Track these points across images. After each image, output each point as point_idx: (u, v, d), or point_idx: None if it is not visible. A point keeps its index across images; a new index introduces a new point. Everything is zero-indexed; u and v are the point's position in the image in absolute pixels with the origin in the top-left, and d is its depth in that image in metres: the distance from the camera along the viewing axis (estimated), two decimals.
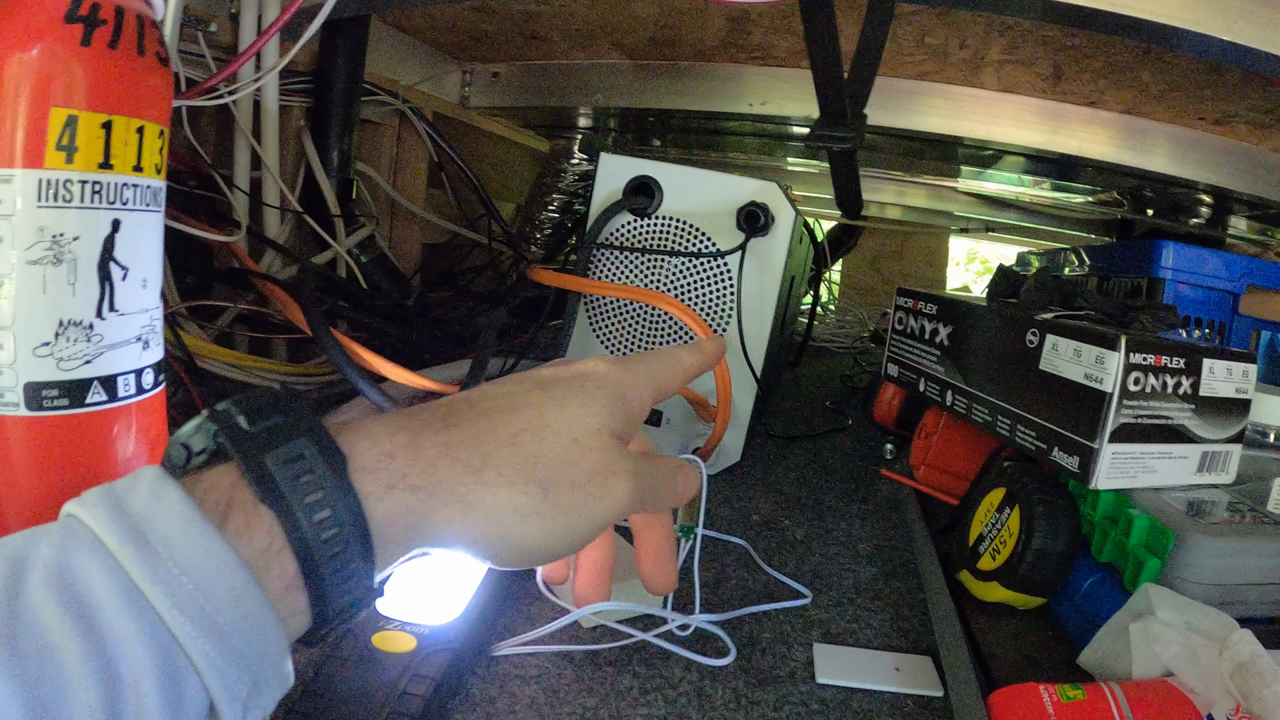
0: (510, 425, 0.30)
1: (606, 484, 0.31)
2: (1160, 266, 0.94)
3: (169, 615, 0.21)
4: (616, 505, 0.31)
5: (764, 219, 0.71)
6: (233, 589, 0.22)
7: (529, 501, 0.29)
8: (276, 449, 0.25)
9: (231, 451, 0.24)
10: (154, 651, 0.21)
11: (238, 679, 0.22)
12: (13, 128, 0.33)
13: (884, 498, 0.76)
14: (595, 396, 0.32)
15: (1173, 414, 0.51)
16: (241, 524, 0.24)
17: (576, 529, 0.30)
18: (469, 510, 0.28)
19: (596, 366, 0.34)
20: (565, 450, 0.30)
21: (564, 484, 0.29)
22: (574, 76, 1.16)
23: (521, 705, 0.40)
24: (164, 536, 0.22)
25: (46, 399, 0.36)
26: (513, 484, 0.28)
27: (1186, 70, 0.84)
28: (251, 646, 0.23)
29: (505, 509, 0.28)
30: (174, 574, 0.22)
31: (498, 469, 0.28)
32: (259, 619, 0.23)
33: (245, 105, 0.77)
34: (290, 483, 0.24)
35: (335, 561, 0.25)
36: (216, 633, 0.22)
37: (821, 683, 0.45)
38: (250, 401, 0.26)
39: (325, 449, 0.25)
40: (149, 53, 0.35)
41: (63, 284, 0.35)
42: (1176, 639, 0.40)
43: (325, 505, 0.24)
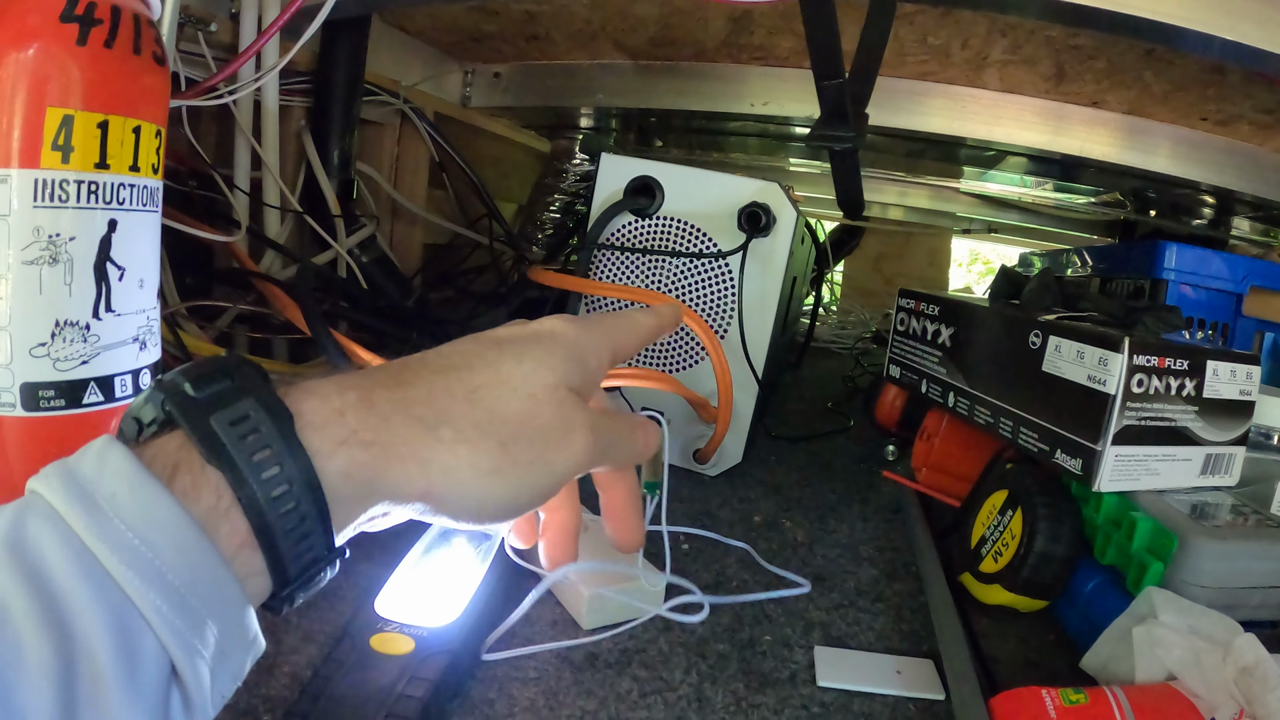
0: (467, 382, 0.29)
1: (565, 439, 0.30)
2: (1163, 267, 0.94)
3: (118, 572, 0.21)
4: (575, 460, 0.31)
5: (765, 219, 0.71)
6: (181, 545, 0.22)
7: (487, 459, 0.28)
8: (221, 410, 0.24)
9: (177, 416, 0.24)
10: (106, 609, 0.21)
11: (194, 635, 0.22)
12: (8, 127, 0.33)
13: (886, 499, 0.76)
14: (553, 352, 0.32)
15: (1176, 416, 0.51)
16: (189, 484, 0.24)
17: (537, 485, 0.30)
18: (426, 468, 0.27)
19: (554, 325, 0.33)
20: (523, 406, 0.30)
21: (522, 440, 0.29)
22: (575, 77, 1.15)
23: (520, 708, 0.40)
24: (109, 495, 0.22)
25: (43, 399, 0.36)
26: (470, 441, 0.28)
27: (1189, 71, 0.84)
28: (206, 603, 0.23)
29: (463, 466, 0.28)
30: (120, 530, 0.22)
31: (454, 426, 0.28)
32: (211, 575, 0.23)
33: (245, 105, 0.77)
34: (236, 442, 0.24)
35: (287, 519, 0.25)
36: (167, 588, 0.22)
37: (822, 685, 0.44)
38: (196, 369, 0.26)
39: (271, 408, 0.25)
40: (145, 52, 0.35)
41: (59, 284, 0.35)
42: (1180, 643, 0.39)
43: (273, 463, 0.24)
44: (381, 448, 0.26)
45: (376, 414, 0.27)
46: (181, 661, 0.22)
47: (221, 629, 0.23)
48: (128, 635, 0.21)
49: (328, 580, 0.28)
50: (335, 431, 0.26)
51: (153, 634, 0.22)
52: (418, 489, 0.27)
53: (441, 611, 0.43)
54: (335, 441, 0.26)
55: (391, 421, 0.27)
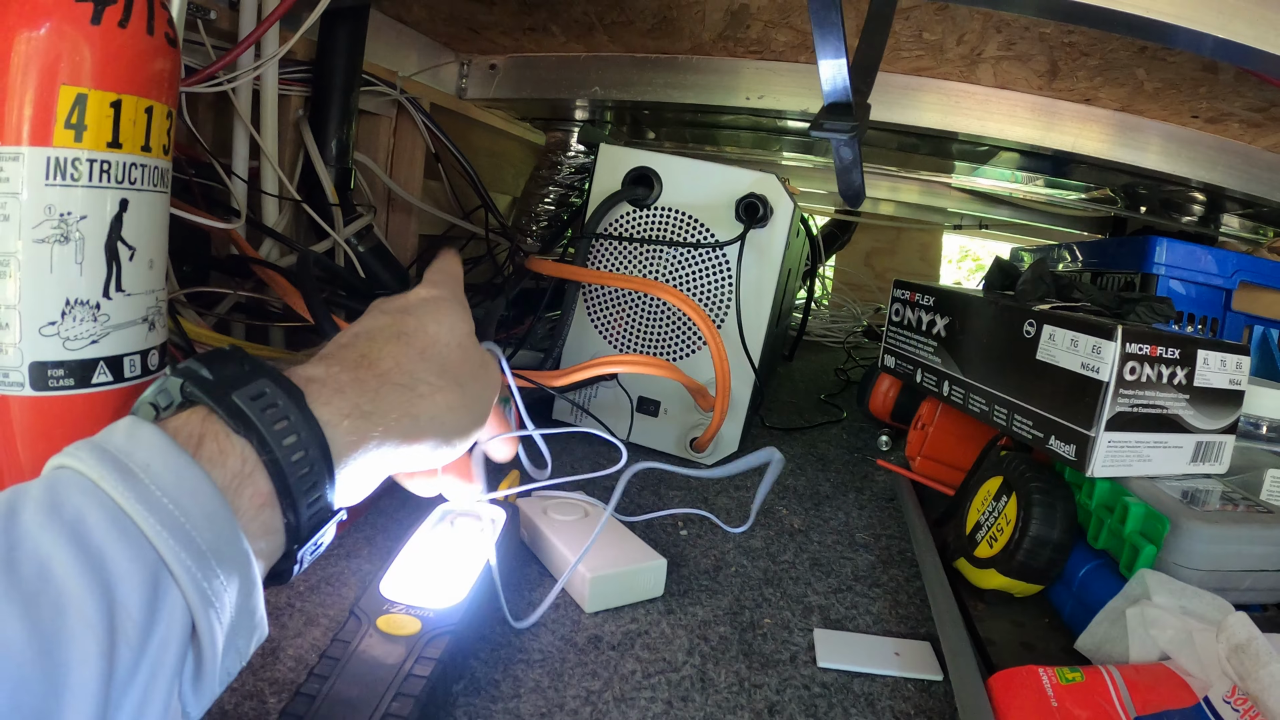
0: (415, 346, 0.35)
1: (488, 368, 0.40)
2: (1153, 262, 0.95)
3: (153, 533, 0.23)
4: (496, 382, 0.40)
5: (763, 210, 0.72)
6: (209, 512, 0.24)
7: (456, 398, 0.35)
8: (241, 388, 0.27)
9: (199, 395, 0.27)
10: (141, 568, 0.22)
11: (214, 596, 0.24)
12: (21, 106, 0.33)
13: (880, 488, 0.77)
14: (452, 309, 0.39)
15: (1168, 404, 0.52)
16: (215, 451, 0.26)
17: (484, 407, 0.38)
18: (417, 421, 0.33)
19: (430, 291, 0.40)
20: (457, 353, 0.37)
21: (469, 378, 0.37)
22: (571, 69, 1.15)
23: (525, 689, 0.41)
24: (144, 465, 0.24)
25: (52, 379, 0.36)
26: (441, 390, 0.35)
27: (1182, 68, 0.85)
28: (226, 567, 0.25)
29: (441, 409, 0.34)
30: (156, 495, 0.23)
31: (426, 382, 0.34)
32: (232, 542, 0.25)
33: (244, 93, 0.77)
34: (259, 414, 0.27)
35: (304, 482, 0.28)
36: (196, 550, 0.24)
37: (823, 666, 0.45)
38: (207, 357, 0.29)
39: (284, 386, 0.28)
40: (158, 33, 0.35)
41: (70, 263, 0.35)
42: (1173, 623, 0.40)
43: (292, 431, 0.27)
44: (380, 415, 0.32)
45: (369, 389, 0.32)
46: (201, 619, 0.24)
47: (238, 594, 0.25)
48: (158, 592, 0.23)
49: (326, 546, 0.31)
50: (340, 405, 0.30)
51: (179, 591, 0.23)
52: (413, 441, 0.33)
53: (447, 593, 0.43)
54: (341, 414, 0.30)
55: (382, 393, 0.32)
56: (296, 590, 0.47)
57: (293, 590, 0.47)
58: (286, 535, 0.28)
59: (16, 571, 0.21)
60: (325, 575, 0.49)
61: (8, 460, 0.37)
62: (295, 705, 0.35)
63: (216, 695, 0.26)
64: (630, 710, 0.40)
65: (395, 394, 0.33)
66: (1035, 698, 0.38)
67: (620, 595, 0.49)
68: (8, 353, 0.35)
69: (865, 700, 0.42)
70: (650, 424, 0.77)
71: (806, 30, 0.94)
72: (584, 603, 0.48)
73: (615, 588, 0.49)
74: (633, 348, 0.77)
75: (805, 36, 0.97)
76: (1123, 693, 0.37)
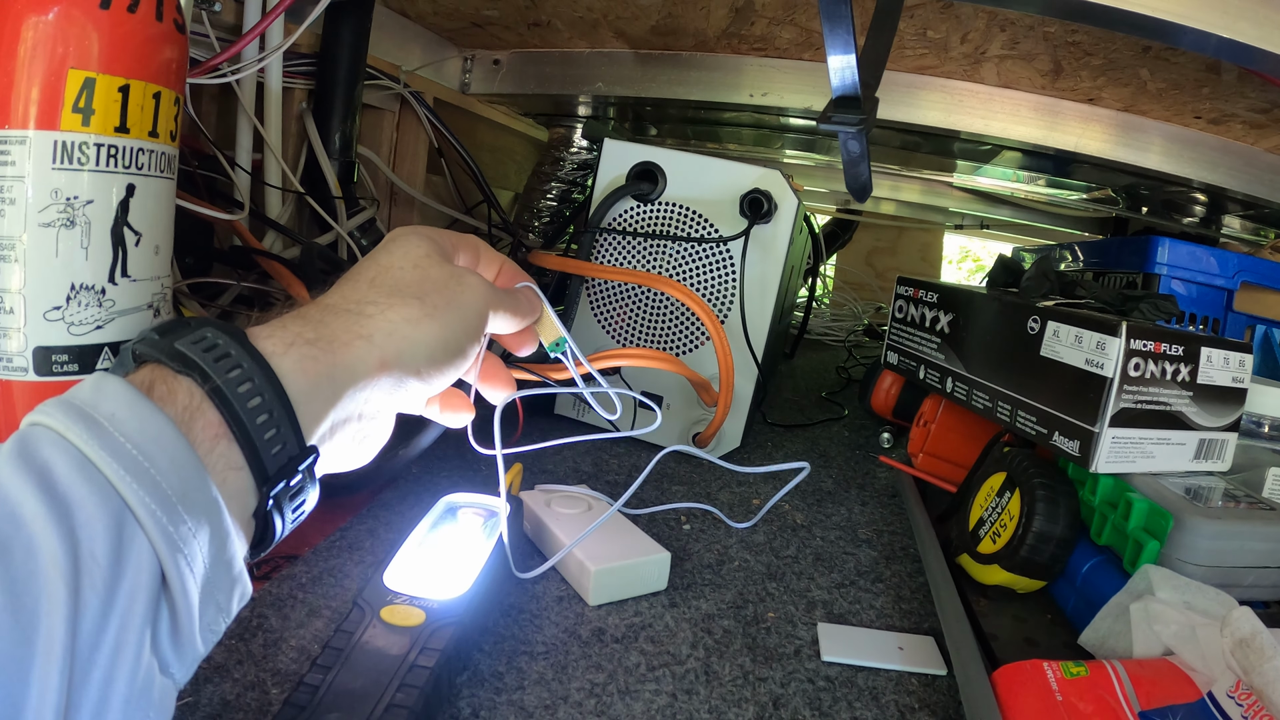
0: (364, 278, 0.34)
1: (461, 283, 0.36)
2: (1155, 262, 0.95)
3: (118, 478, 0.23)
4: (477, 295, 0.36)
5: (767, 206, 0.72)
6: (174, 457, 0.24)
7: (415, 310, 0.33)
8: (183, 337, 0.27)
9: (146, 350, 0.27)
10: (107, 513, 0.23)
11: (182, 542, 0.24)
12: (28, 89, 0.33)
13: (882, 485, 0.77)
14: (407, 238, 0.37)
15: (1171, 400, 0.52)
16: (165, 392, 0.26)
17: (464, 321, 0.35)
18: (371, 340, 0.31)
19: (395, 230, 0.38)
20: (414, 273, 0.35)
21: (430, 292, 0.34)
22: (575, 65, 1.15)
23: (530, 680, 0.41)
24: (109, 414, 0.24)
25: (56, 364, 0.36)
26: (393, 305, 0.33)
27: (1185, 69, 0.85)
28: (194, 513, 0.25)
29: (398, 322, 0.32)
30: (120, 443, 0.24)
31: (374, 302, 0.33)
32: (200, 489, 0.25)
33: (248, 86, 0.77)
34: (201, 354, 0.27)
35: (256, 412, 0.27)
36: (161, 495, 0.24)
37: (827, 660, 0.45)
38: (159, 324, 0.29)
39: (225, 329, 0.28)
40: (167, 19, 0.35)
41: (75, 247, 0.35)
42: (1176, 618, 0.40)
43: (235, 365, 0.27)
44: (326, 341, 0.30)
45: (311, 319, 0.31)
46: (169, 565, 0.24)
47: (210, 542, 0.25)
48: (123, 538, 0.23)
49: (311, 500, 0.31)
50: (282, 336, 0.29)
51: (145, 537, 0.23)
52: (374, 361, 0.31)
53: (451, 584, 0.43)
54: (284, 344, 0.29)
55: (326, 320, 0.31)
56: (299, 582, 0.47)
57: (295, 582, 0.47)
58: (252, 471, 0.27)
59: None
60: (328, 567, 0.49)
61: None
62: (298, 695, 0.35)
63: (201, 654, 0.26)
64: (634, 703, 0.40)
65: (340, 319, 0.31)
66: (1040, 692, 0.38)
67: (624, 588, 0.49)
68: (12, 337, 0.35)
69: (869, 694, 0.42)
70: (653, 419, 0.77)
71: (811, 28, 0.94)
72: (588, 596, 0.48)
73: (619, 581, 0.49)
74: (636, 342, 0.77)
75: (809, 34, 0.97)
76: (1127, 687, 0.37)
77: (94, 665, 0.22)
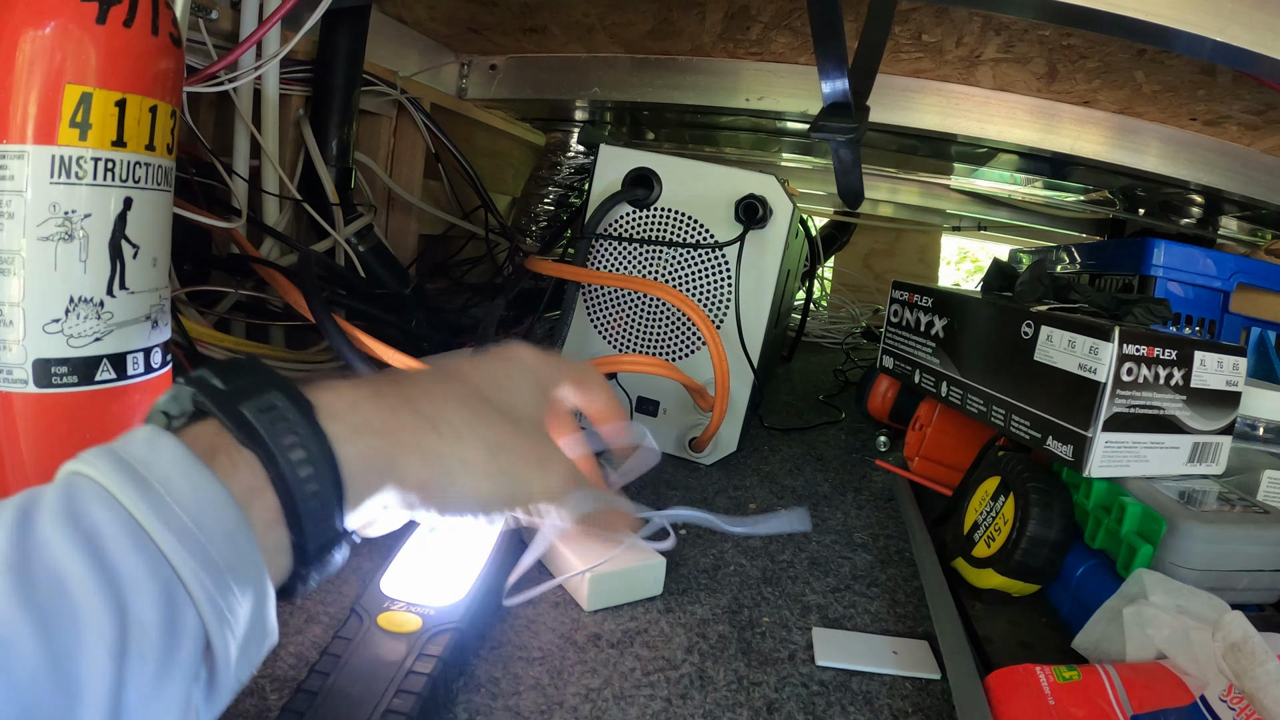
0: (458, 390, 0.33)
1: (545, 465, 0.34)
2: (1151, 264, 0.95)
3: (170, 549, 0.22)
4: (546, 489, 0.34)
5: (762, 211, 0.72)
6: (227, 529, 0.24)
7: (476, 457, 0.31)
8: (251, 400, 0.27)
9: (210, 407, 0.26)
10: (156, 584, 0.22)
11: (229, 612, 0.24)
12: (26, 104, 0.33)
13: (878, 489, 0.77)
14: (525, 383, 0.36)
15: (1165, 404, 0.52)
16: (228, 465, 0.25)
17: (513, 494, 0.33)
18: (425, 457, 0.30)
19: (522, 353, 0.37)
20: (503, 421, 0.33)
21: (507, 450, 0.33)
22: (571, 70, 1.16)
23: (525, 686, 0.41)
24: (163, 478, 0.23)
25: (55, 376, 0.36)
26: (463, 439, 0.31)
27: (1180, 71, 0.86)
28: (241, 583, 0.24)
29: (454, 460, 0.31)
30: (174, 511, 0.23)
31: (451, 424, 0.31)
32: (249, 559, 0.25)
33: (246, 93, 0.77)
34: (267, 428, 0.26)
35: (313, 500, 0.27)
36: (213, 567, 0.23)
37: (821, 665, 0.45)
38: (220, 366, 0.28)
39: (294, 399, 0.27)
40: (163, 33, 0.35)
41: (74, 261, 0.35)
42: (1169, 622, 0.40)
43: (300, 446, 0.26)
44: (391, 437, 0.29)
45: (386, 406, 0.30)
46: (215, 635, 0.23)
47: (252, 608, 0.25)
48: (174, 609, 0.22)
49: (337, 567, 0.30)
50: (352, 420, 0.29)
51: (195, 609, 0.23)
52: (417, 478, 0.30)
53: (447, 590, 0.43)
54: (352, 429, 0.28)
55: (400, 414, 0.30)
56: None
57: None
58: (294, 555, 0.27)
59: (32, 583, 0.20)
60: None
61: (11, 457, 0.37)
62: (296, 701, 0.36)
63: (227, 704, 0.26)
64: (630, 708, 0.40)
65: (412, 420, 0.30)
66: (1033, 696, 0.38)
67: (619, 594, 0.50)
68: (11, 350, 0.35)
69: (863, 698, 0.43)
70: (649, 424, 0.78)
71: (806, 32, 0.95)
72: (583, 601, 0.48)
73: (614, 586, 0.49)
74: (632, 348, 0.77)
75: (805, 38, 0.97)
76: (1119, 691, 0.38)
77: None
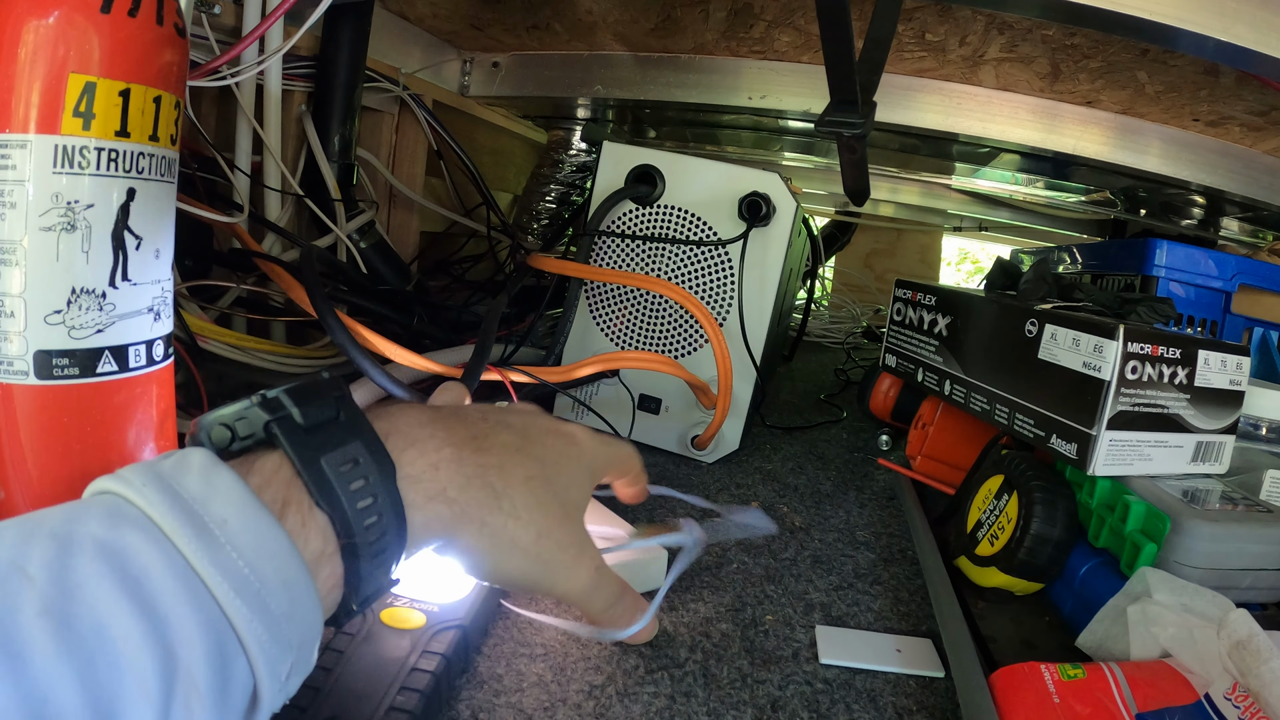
0: (526, 467, 0.34)
1: (579, 559, 0.35)
2: (1154, 265, 0.95)
3: (225, 598, 0.21)
4: (570, 583, 0.36)
5: (765, 209, 0.72)
6: (286, 580, 0.23)
7: (525, 538, 0.33)
8: (332, 451, 0.26)
9: (288, 449, 0.25)
10: (207, 634, 0.21)
11: (282, 662, 0.23)
12: (28, 94, 0.33)
13: (880, 487, 0.77)
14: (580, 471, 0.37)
15: (1169, 403, 0.52)
16: (298, 524, 0.24)
17: (543, 582, 0.35)
18: (482, 530, 0.31)
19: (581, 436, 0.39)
20: (559, 511, 0.35)
21: (553, 540, 0.34)
22: (574, 67, 1.16)
23: (529, 683, 0.41)
24: (220, 520, 0.22)
25: (57, 368, 0.36)
26: (520, 520, 0.32)
27: (1183, 71, 0.85)
28: (296, 635, 0.23)
29: (505, 538, 0.32)
30: (231, 558, 0.22)
31: (514, 503, 0.32)
32: (306, 608, 0.24)
33: (248, 88, 0.77)
34: (346, 489, 0.25)
35: (375, 565, 0.26)
36: (269, 618, 0.22)
37: (825, 663, 0.45)
38: (302, 393, 0.27)
39: (377, 455, 0.27)
40: (168, 23, 0.35)
41: (76, 251, 0.35)
42: (1174, 620, 0.40)
43: (374, 511, 0.26)
44: (461, 506, 0.30)
45: (463, 475, 0.30)
46: (264, 685, 0.23)
47: (299, 657, 0.24)
48: (225, 660, 0.21)
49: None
50: (429, 487, 0.29)
51: (246, 660, 0.22)
52: (468, 545, 0.31)
53: (451, 587, 0.43)
54: (426, 496, 0.29)
55: (472, 486, 0.31)
56: None
57: None
58: (340, 609, 0.27)
59: (73, 630, 0.19)
60: None
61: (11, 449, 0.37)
62: (300, 697, 0.35)
63: None
64: (633, 705, 0.40)
65: (482, 493, 0.31)
66: (1037, 694, 0.38)
67: None
68: (12, 341, 0.35)
69: (867, 696, 0.43)
70: (651, 421, 0.77)
71: (810, 30, 0.94)
72: None
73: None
74: (635, 345, 0.77)
75: (808, 36, 0.97)
76: (1124, 689, 0.37)
77: None
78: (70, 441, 0.37)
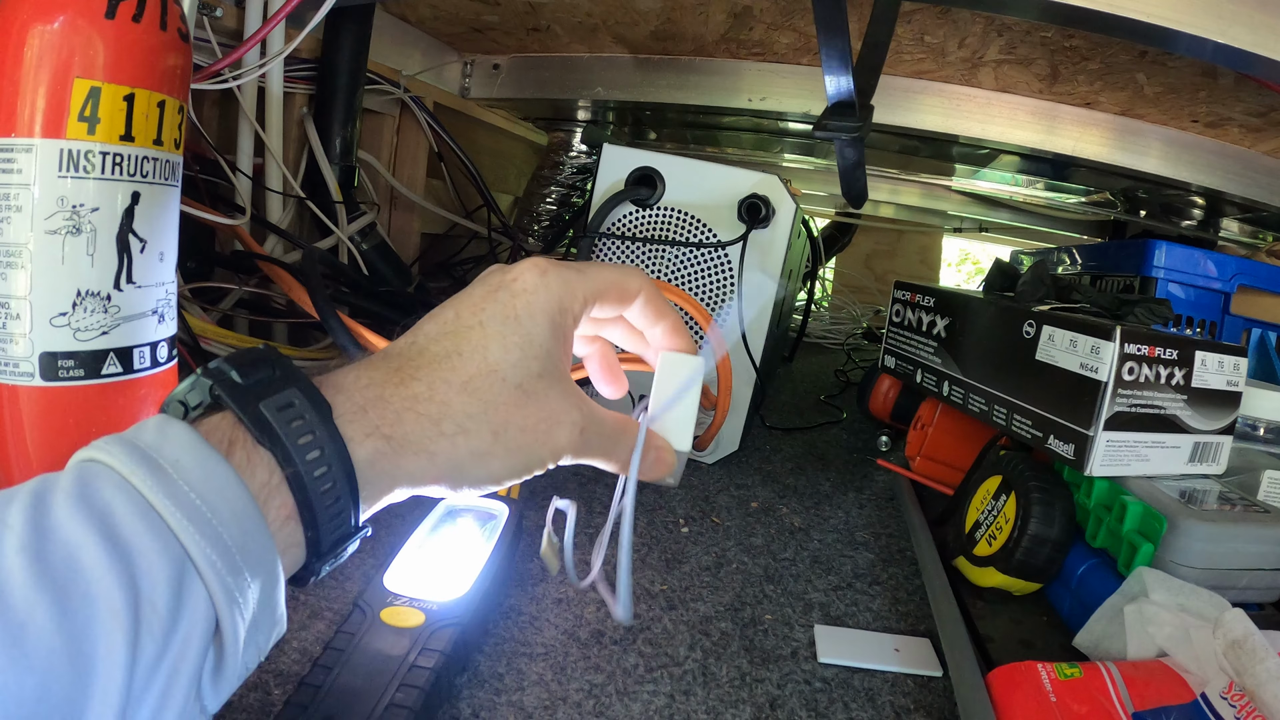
0: (461, 372, 0.31)
1: (551, 431, 0.33)
2: (1153, 266, 0.95)
3: (180, 527, 0.23)
4: (556, 451, 0.33)
5: (765, 211, 0.72)
6: (236, 510, 0.24)
7: (483, 444, 0.31)
8: (269, 397, 0.27)
9: (228, 401, 0.26)
10: (168, 561, 0.23)
11: (238, 592, 0.24)
12: (34, 98, 0.33)
13: (879, 488, 0.77)
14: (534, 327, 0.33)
15: (1166, 404, 0.52)
16: (244, 460, 0.26)
17: (526, 465, 0.33)
18: (433, 458, 0.30)
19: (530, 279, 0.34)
20: (512, 396, 0.32)
21: (513, 428, 0.32)
22: (574, 69, 1.16)
23: (529, 682, 0.41)
24: (173, 461, 0.24)
25: (62, 369, 0.36)
26: (468, 432, 0.31)
27: (1182, 73, 0.86)
28: (251, 564, 0.25)
29: (462, 452, 0.31)
30: (184, 490, 0.23)
31: (455, 420, 0.31)
32: (259, 540, 0.25)
33: (250, 91, 0.77)
34: (284, 426, 0.26)
35: (327, 498, 0.27)
36: (222, 546, 0.24)
37: (823, 662, 0.45)
38: (239, 358, 0.28)
39: (313, 398, 0.28)
40: (171, 28, 0.36)
41: (81, 254, 0.35)
42: (1170, 620, 0.41)
43: (316, 446, 0.27)
44: (398, 441, 0.29)
45: (392, 411, 0.30)
46: (225, 616, 0.24)
47: (260, 592, 0.25)
48: (183, 587, 0.23)
49: (348, 556, 0.31)
50: (362, 425, 0.29)
51: (204, 588, 0.23)
52: (426, 475, 0.31)
53: (450, 586, 0.44)
54: (363, 433, 0.29)
55: (405, 419, 0.30)
56: None
57: None
58: (307, 550, 0.28)
59: (47, 561, 0.21)
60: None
61: (17, 450, 0.37)
62: (300, 695, 0.36)
63: (234, 690, 0.26)
64: (633, 704, 0.40)
65: (417, 424, 0.30)
66: (1034, 693, 0.38)
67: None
68: (18, 343, 0.35)
69: (865, 695, 0.43)
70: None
71: (809, 32, 0.95)
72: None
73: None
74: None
75: (808, 39, 0.97)
76: (1121, 689, 0.38)
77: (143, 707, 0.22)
78: (75, 442, 0.38)
